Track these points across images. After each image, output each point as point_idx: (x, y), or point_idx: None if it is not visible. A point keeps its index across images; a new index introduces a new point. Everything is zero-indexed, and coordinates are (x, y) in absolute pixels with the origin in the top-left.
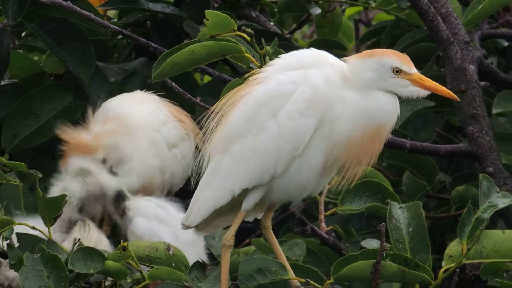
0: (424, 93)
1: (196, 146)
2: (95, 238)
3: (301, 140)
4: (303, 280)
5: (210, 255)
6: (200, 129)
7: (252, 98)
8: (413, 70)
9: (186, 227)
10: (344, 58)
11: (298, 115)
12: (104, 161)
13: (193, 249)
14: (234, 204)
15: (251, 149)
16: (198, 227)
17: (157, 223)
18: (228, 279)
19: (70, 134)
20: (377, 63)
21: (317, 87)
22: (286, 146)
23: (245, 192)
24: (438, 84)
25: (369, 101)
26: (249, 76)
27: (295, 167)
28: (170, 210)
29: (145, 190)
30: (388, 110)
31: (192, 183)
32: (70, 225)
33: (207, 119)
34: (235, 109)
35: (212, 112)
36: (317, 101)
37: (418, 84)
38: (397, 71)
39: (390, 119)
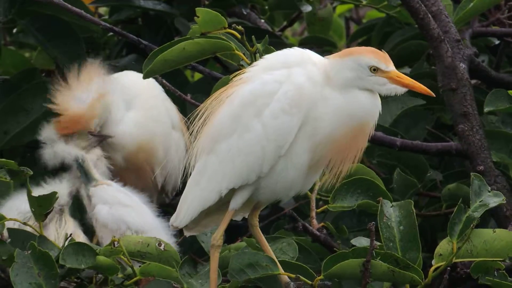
0: (402, 90)
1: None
2: (70, 231)
3: (285, 139)
4: (293, 276)
5: (201, 249)
6: (188, 129)
7: (237, 97)
8: (390, 67)
9: (175, 227)
10: (327, 57)
11: (282, 114)
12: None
13: (160, 232)
14: (223, 203)
15: (236, 149)
16: (187, 227)
17: (120, 207)
18: (217, 278)
19: (61, 107)
20: (354, 62)
21: (300, 86)
22: (270, 146)
23: (232, 192)
24: (415, 81)
25: (349, 100)
26: (234, 76)
27: (281, 167)
28: (131, 195)
29: (138, 166)
30: (369, 109)
31: (179, 182)
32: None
33: (193, 119)
34: (221, 109)
35: (198, 112)
36: (301, 99)
37: (395, 82)
38: (374, 70)
39: (371, 117)
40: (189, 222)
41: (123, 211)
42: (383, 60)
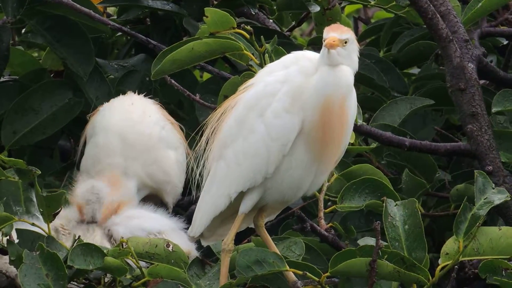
0: (328, 50)
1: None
2: (97, 241)
3: (288, 138)
4: (301, 273)
5: (208, 250)
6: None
7: (242, 102)
8: (329, 34)
9: (191, 238)
10: None
11: (283, 113)
12: None
13: (179, 232)
14: (236, 210)
15: (242, 151)
16: (204, 237)
17: (132, 219)
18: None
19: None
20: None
21: (293, 81)
22: (274, 145)
23: (242, 196)
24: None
25: (316, 79)
26: (243, 76)
27: (286, 166)
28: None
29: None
30: (329, 81)
31: (193, 193)
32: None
33: (204, 129)
34: (228, 116)
35: (207, 123)
36: (296, 95)
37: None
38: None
39: (335, 90)
40: (203, 230)
41: (136, 221)
42: (327, 30)
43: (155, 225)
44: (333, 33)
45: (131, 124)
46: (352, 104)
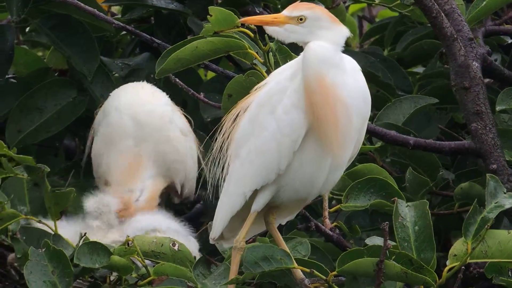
0: None
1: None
2: (111, 239)
3: (297, 134)
4: (308, 271)
5: (214, 250)
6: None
7: (255, 101)
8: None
9: (212, 239)
10: None
11: (292, 109)
12: None
13: (179, 232)
14: None
15: (254, 149)
16: (225, 238)
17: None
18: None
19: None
20: None
21: (298, 78)
22: (285, 141)
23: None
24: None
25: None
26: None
27: (297, 163)
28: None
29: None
30: (304, 63)
31: (209, 192)
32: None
33: (219, 132)
34: (243, 116)
35: (223, 123)
36: (301, 90)
37: None
38: None
39: (307, 70)
40: (223, 231)
41: (135, 222)
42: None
43: (152, 223)
44: (285, 11)
45: (141, 103)
46: (346, 80)
